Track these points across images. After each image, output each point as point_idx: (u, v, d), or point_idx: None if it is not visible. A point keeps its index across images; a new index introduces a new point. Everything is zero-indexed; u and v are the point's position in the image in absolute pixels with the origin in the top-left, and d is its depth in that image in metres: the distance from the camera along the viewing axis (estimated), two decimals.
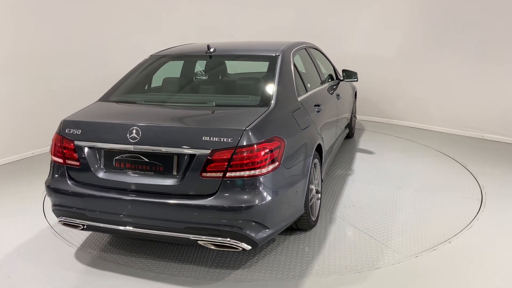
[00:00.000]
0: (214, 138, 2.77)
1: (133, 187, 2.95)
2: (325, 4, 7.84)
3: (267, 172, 2.81)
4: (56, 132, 3.25)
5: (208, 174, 2.78)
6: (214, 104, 3.47)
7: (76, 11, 6.61)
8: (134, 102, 3.72)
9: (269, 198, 2.80)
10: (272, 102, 3.24)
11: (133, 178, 2.96)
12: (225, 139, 2.76)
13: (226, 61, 4.39)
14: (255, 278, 3.02)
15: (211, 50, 3.93)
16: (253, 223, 2.79)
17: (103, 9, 7.00)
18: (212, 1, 8.07)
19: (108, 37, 7.13)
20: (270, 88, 3.43)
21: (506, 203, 4.17)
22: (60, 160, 3.17)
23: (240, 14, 8.08)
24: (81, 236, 3.74)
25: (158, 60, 4.20)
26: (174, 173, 2.87)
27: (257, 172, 2.76)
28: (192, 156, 2.81)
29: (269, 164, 2.81)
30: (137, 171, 2.97)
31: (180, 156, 2.85)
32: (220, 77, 4.34)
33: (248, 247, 2.84)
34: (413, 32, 7.16)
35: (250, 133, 2.78)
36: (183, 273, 3.11)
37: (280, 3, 8.00)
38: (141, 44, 7.51)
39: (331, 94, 4.79)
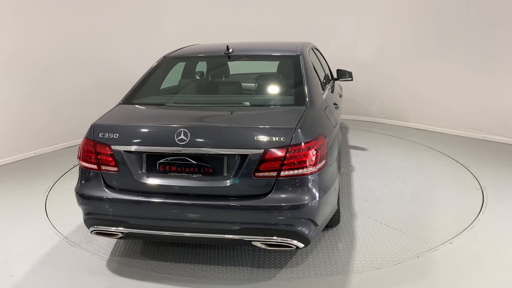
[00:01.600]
0: (267, 137, 2.76)
1: (180, 191, 2.86)
2: (321, 4, 7.85)
3: (318, 170, 2.82)
4: (85, 137, 3.08)
5: (262, 174, 2.75)
6: (249, 104, 3.48)
7: (75, 10, 6.63)
8: (163, 104, 3.63)
9: (320, 195, 2.82)
10: (307, 100, 3.24)
11: (180, 181, 2.86)
12: (277, 138, 2.75)
13: (244, 61, 4.36)
14: (301, 276, 3.06)
15: (230, 50, 3.83)
16: (307, 221, 2.80)
17: (102, 9, 7.02)
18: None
19: (110, 39, 7.14)
20: (302, 87, 3.42)
21: (507, 204, 4.16)
22: (94, 166, 3.00)
23: (223, 15, 8.09)
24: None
25: (173, 61, 4.14)
26: (225, 174, 2.81)
27: (309, 170, 2.77)
28: (244, 156, 2.77)
29: (318, 162, 2.82)
30: (183, 173, 2.87)
31: (231, 156, 2.79)
32: (244, 77, 4.30)
33: (301, 245, 2.84)
34: (413, 32, 7.15)
35: (300, 132, 2.79)
36: (228, 276, 3.10)
37: (276, 4, 8.01)
38: (141, 45, 7.54)
39: (334, 92, 4.82)
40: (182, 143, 2.81)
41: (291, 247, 2.83)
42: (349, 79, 5.46)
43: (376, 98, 7.83)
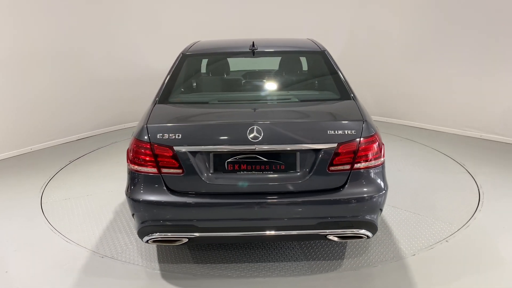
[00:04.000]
0: (339, 131, 2.79)
1: (252, 190, 2.80)
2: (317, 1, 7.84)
3: (383, 161, 2.91)
4: (137, 139, 2.86)
5: (335, 168, 2.78)
6: (298, 100, 3.48)
7: (70, 7, 6.59)
8: (207, 103, 3.49)
9: (386, 184, 2.91)
10: (352, 95, 3.32)
11: (251, 180, 2.80)
12: (349, 131, 2.80)
13: (267, 58, 4.28)
14: (359, 266, 3.15)
15: (255, 47, 3.74)
16: (378, 210, 2.87)
17: (99, 5, 6.98)
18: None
19: (106, 35, 7.11)
20: (341, 82, 3.47)
21: (504, 202, 4.18)
22: (152, 170, 2.81)
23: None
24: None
25: (196, 58, 4.03)
26: (298, 170, 2.80)
27: (378, 161, 2.85)
28: (317, 151, 2.77)
29: (383, 153, 2.91)
30: (253, 172, 2.80)
31: (303, 152, 2.79)
32: (277, 73, 4.24)
33: (371, 234, 2.89)
34: (411, 30, 7.16)
35: (368, 125, 2.87)
36: (292, 272, 3.11)
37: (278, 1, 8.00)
38: (137, 41, 7.51)
39: None
40: (255, 140, 2.75)
41: (362, 237, 2.88)
42: None
43: (372, 96, 7.83)
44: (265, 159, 2.79)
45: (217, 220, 2.82)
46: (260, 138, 2.74)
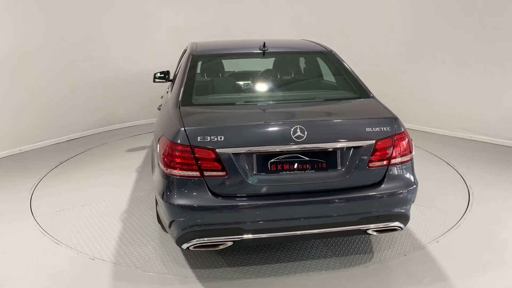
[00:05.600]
0: (376, 128, 2.90)
1: (295, 189, 2.82)
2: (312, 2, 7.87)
3: (413, 156, 3.04)
4: (173, 142, 2.77)
5: (374, 164, 2.88)
6: (322, 99, 3.54)
7: (58, 8, 6.54)
8: (233, 103, 3.41)
9: (416, 179, 3.04)
10: (371, 95, 3.45)
11: (293, 180, 2.81)
12: (385, 128, 2.92)
13: (275, 58, 4.28)
14: (382, 259, 3.25)
15: (265, 47, 3.75)
16: (411, 202, 3.00)
17: (89, 5, 6.94)
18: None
19: (95, 35, 7.07)
20: (356, 81, 3.60)
21: (493, 203, 4.22)
22: (194, 174, 2.73)
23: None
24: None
25: (207, 59, 3.96)
26: (339, 167, 2.86)
27: (409, 156, 3.00)
28: (356, 148, 2.85)
29: (412, 148, 3.03)
30: (295, 171, 2.82)
31: (343, 149, 2.86)
32: (291, 73, 4.23)
33: (404, 226, 3.01)
34: (402, 32, 7.21)
35: (399, 121, 3.02)
36: (313, 269, 3.15)
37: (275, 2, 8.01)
38: (126, 41, 7.48)
39: None
40: (299, 140, 2.78)
41: (397, 229, 3.00)
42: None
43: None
44: (307, 158, 2.84)
45: (263, 221, 2.79)
46: (304, 137, 2.78)
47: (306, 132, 2.78)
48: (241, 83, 4.09)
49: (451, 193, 4.49)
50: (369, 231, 2.94)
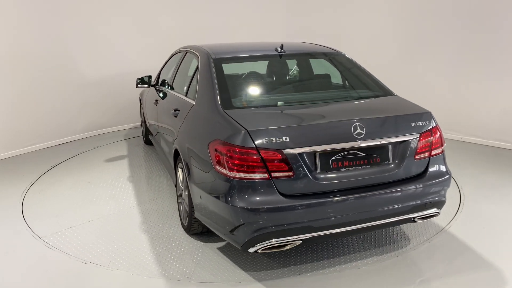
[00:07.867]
0: (419, 122, 3.16)
1: (356, 184, 2.94)
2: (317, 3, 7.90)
3: (444, 148, 3.29)
4: (237, 145, 2.78)
5: (420, 156, 3.12)
6: (356, 97, 3.82)
7: (55, 11, 6.52)
8: (275, 105, 3.40)
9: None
10: (393, 92, 3.70)
11: (352, 175, 2.95)
12: (425, 122, 3.19)
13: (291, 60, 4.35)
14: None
15: (282, 50, 3.91)
16: (447, 190, 3.24)
17: (87, 9, 6.92)
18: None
19: (91, 39, 7.04)
20: (375, 80, 3.87)
21: (484, 204, 4.26)
22: (261, 176, 2.75)
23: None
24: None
25: (229, 62, 3.96)
26: (390, 161, 3.06)
27: (443, 148, 3.27)
28: (405, 142, 3.08)
29: (443, 140, 3.30)
30: (353, 167, 2.97)
31: (394, 143, 3.06)
32: (313, 74, 4.31)
33: (440, 211, 3.24)
34: (394, 33, 7.25)
35: (433, 116, 3.27)
36: (347, 264, 3.22)
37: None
38: (123, 48, 7.46)
39: None
40: (359, 136, 2.93)
41: (436, 215, 3.23)
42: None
43: None
44: (364, 154, 2.99)
45: (331, 218, 2.87)
46: (363, 134, 2.93)
47: (365, 129, 2.94)
48: (273, 85, 4.11)
49: None
50: (417, 219, 3.14)
